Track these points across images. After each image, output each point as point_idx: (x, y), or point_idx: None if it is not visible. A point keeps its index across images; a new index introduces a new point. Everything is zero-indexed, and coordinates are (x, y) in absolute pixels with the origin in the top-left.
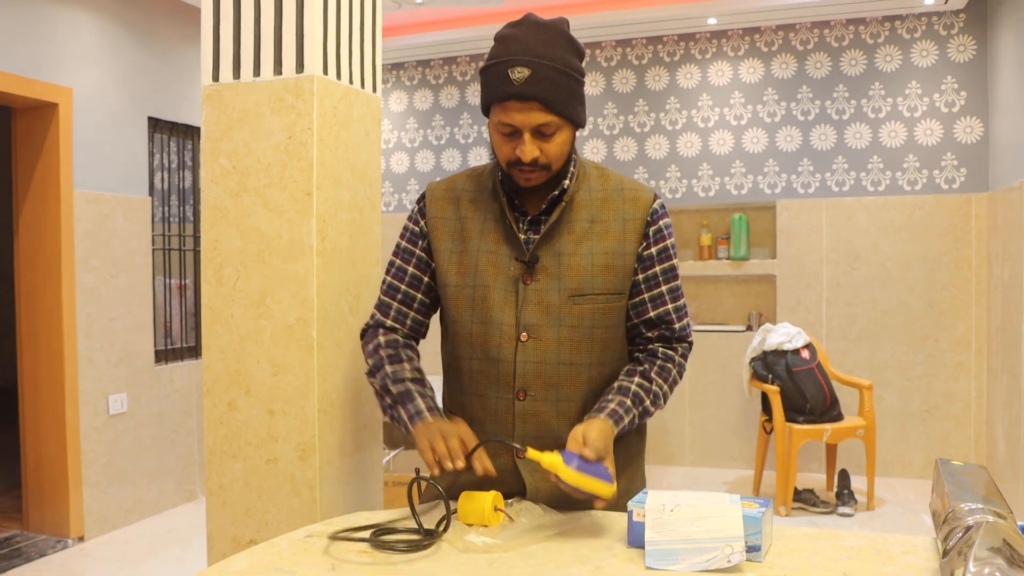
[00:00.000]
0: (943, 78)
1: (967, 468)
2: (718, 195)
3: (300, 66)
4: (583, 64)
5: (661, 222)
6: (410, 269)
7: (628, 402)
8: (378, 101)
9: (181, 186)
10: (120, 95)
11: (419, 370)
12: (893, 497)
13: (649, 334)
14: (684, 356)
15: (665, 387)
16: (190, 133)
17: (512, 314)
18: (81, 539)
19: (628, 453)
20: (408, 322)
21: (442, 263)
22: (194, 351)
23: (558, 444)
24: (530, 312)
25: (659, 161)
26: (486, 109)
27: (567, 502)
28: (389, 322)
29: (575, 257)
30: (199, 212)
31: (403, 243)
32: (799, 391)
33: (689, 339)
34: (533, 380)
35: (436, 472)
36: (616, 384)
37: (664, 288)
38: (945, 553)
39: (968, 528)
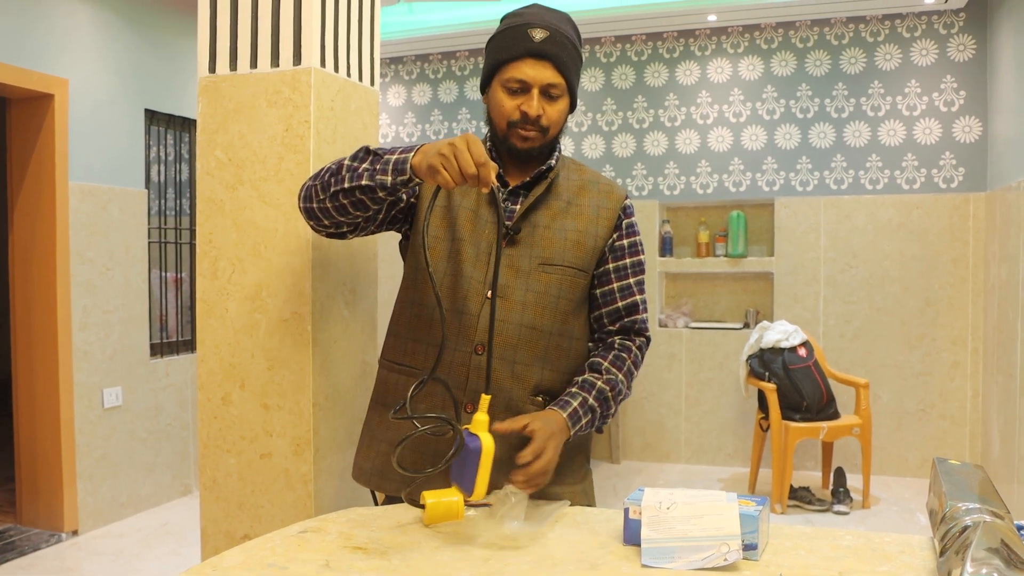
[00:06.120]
0: (942, 77)
1: (964, 467)
2: (716, 192)
3: (297, 58)
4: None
5: (632, 218)
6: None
7: (590, 399)
8: (376, 94)
9: (178, 179)
10: (116, 86)
11: None
12: (888, 495)
13: (611, 327)
14: (641, 349)
15: (620, 375)
16: (187, 126)
17: (483, 271)
18: (75, 533)
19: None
20: None
21: (424, 211)
22: (189, 345)
23: (507, 404)
24: (501, 273)
25: (658, 157)
26: (490, 75)
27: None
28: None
29: (549, 231)
30: (195, 205)
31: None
32: (796, 389)
33: (647, 334)
34: (493, 337)
35: (454, 182)
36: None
37: (632, 280)
38: (942, 552)
39: (965, 528)
